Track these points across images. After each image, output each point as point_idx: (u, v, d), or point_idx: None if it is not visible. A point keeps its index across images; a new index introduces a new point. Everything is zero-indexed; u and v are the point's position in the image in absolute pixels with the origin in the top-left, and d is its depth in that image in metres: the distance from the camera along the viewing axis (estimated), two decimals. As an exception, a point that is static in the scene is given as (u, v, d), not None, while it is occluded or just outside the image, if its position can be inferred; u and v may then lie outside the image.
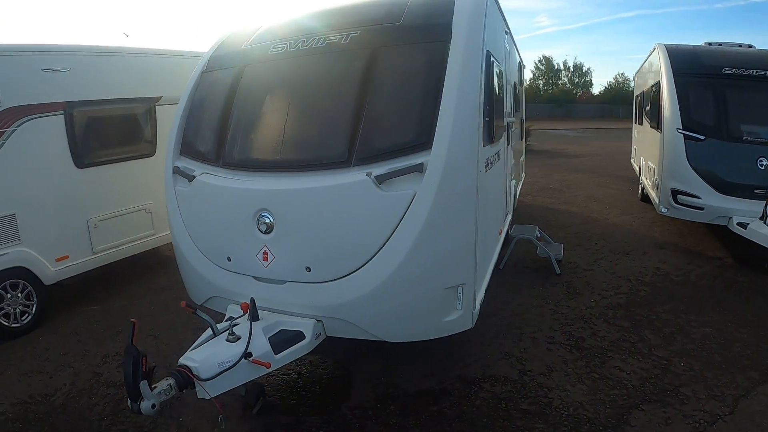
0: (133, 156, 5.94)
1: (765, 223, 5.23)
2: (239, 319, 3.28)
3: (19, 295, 4.87)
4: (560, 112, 47.59)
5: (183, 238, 4.01)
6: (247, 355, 2.91)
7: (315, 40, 3.72)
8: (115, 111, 5.79)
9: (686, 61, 6.59)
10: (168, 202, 4.09)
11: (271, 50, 3.92)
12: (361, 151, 3.20)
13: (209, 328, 3.11)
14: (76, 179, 5.37)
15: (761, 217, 5.31)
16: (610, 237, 7.14)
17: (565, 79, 59.54)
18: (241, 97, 3.91)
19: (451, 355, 3.95)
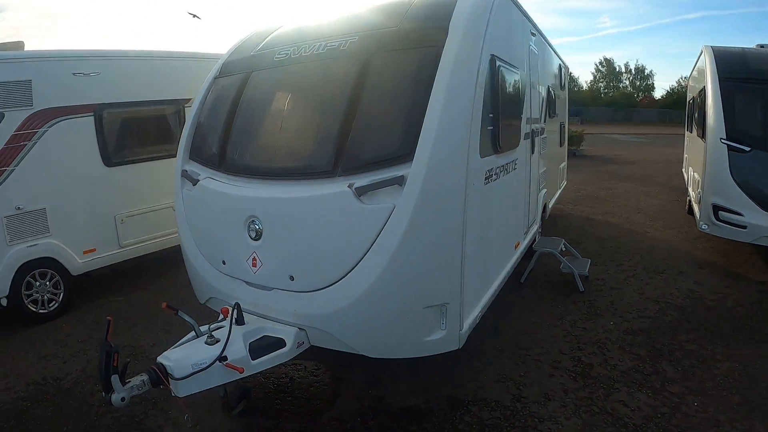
0: (161, 156, 6.15)
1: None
2: (224, 322, 3.30)
3: (47, 283, 5.19)
4: (620, 116, 45.76)
5: (187, 239, 4.11)
6: (222, 358, 2.93)
7: (316, 46, 3.66)
8: (144, 112, 6.04)
9: (733, 65, 5.97)
10: (176, 204, 4.20)
11: (276, 56, 3.91)
12: (347, 162, 3.11)
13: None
14: (104, 177, 5.64)
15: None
16: (647, 253, 6.62)
17: (626, 82, 57.65)
18: (245, 103, 3.93)
19: (444, 373, 3.78)
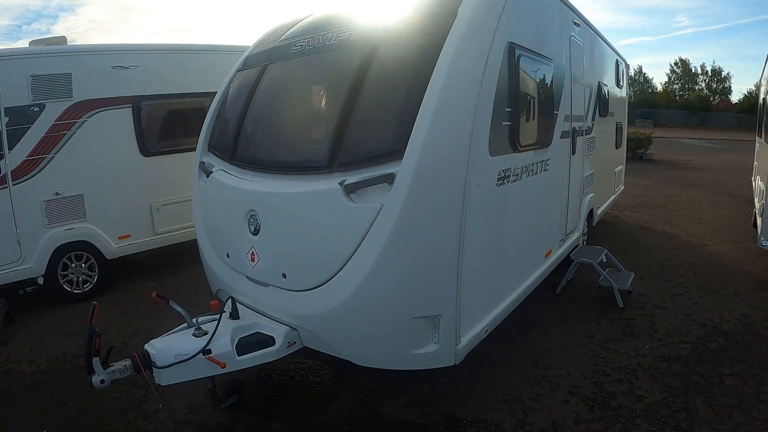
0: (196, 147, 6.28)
1: None
2: (221, 317, 3.26)
3: (83, 265, 5.45)
4: (695, 120, 42.76)
5: (200, 230, 4.13)
6: (205, 351, 2.91)
7: (329, 37, 3.51)
8: (181, 104, 6.17)
9: None
10: (192, 194, 4.23)
11: (292, 48, 3.80)
12: (342, 157, 2.93)
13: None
14: (141, 166, 5.84)
15: None
16: (702, 268, 5.90)
17: (702, 84, 54.02)
18: (258, 96, 3.87)
19: (448, 386, 3.51)
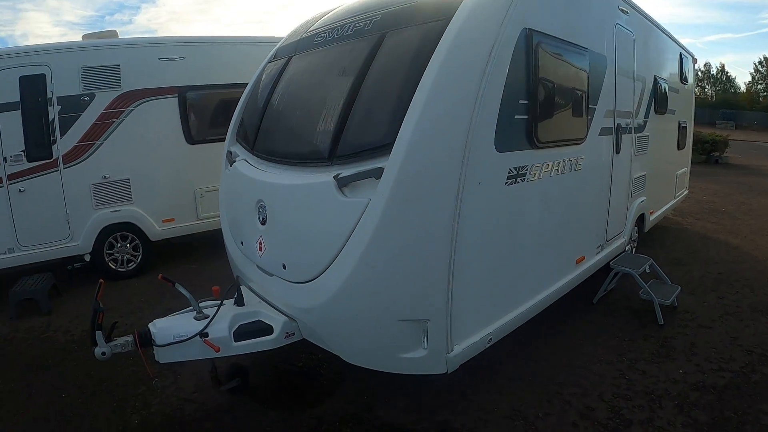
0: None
1: None
2: (226, 302, 3.32)
3: (128, 245, 5.82)
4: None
5: (223, 218, 4.25)
6: (203, 334, 2.99)
7: (347, 27, 3.45)
8: (225, 95, 6.33)
9: None
10: (220, 183, 4.36)
11: (315, 40, 3.79)
12: (341, 149, 2.85)
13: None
14: (186, 154, 6.11)
15: None
16: (762, 287, 5.19)
17: None
18: (279, 87, 3.91)
19: (450, 394, 3.34)
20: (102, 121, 5.35)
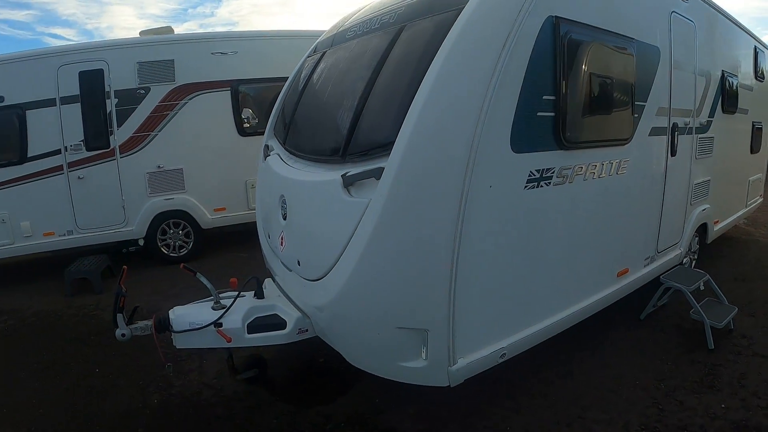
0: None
1: None
2: (246, 294, 3.40)
3: (180, 232, 6.16)
4: None
5: (257, 210, 4.37)
6: (217, 324, 3.05)
7: (375, 21, 3.38)
8: (276, 88, 6.39)
9: None
10: (258, 176, 4.48)
11: (347, 34, 3.76)
12: (353, 147, 2.79)
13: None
14: (238, 145, 6.34)
15: None
16: None
17: None
18: (312, 81, 3.92)
19: (463, 407, 3.18)
20: (157, 113, 5.68)
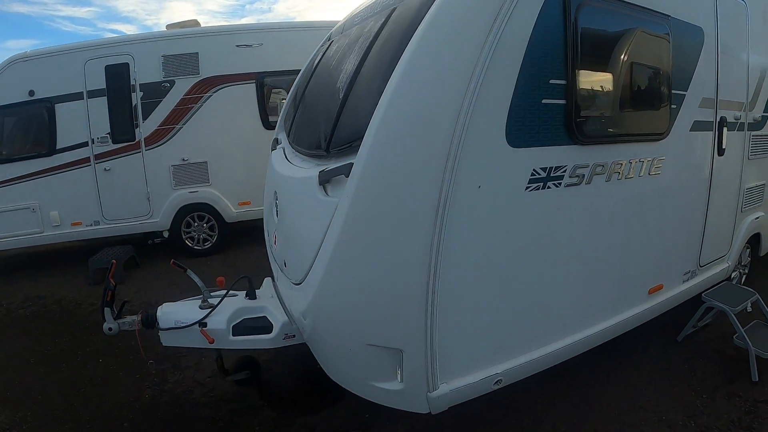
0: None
1: None
2: (237, 293, 3.30)
3: (204, 225, 6.21)
4: None
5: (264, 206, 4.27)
6: (201, 324, 2.95)
7: (378, 4, 3.14)
8: (302, 81, 6.42)
9: None
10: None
11: (354, 20, 3.54)
12: (336, 140, 2.57)
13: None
14: (264, 139, 6.22)
15: None
16: None
17: None
18: (316, 72, 3.76)
19: (460, 430, 2.91)
20: (181, 106, 5.73)
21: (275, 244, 3.38)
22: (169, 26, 6.16)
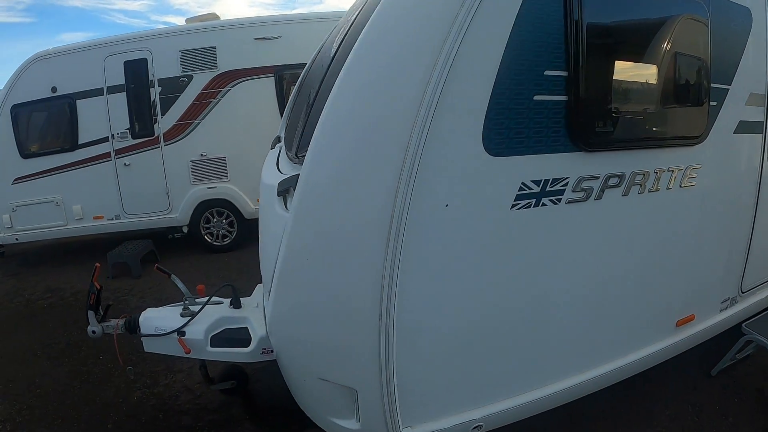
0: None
1: None
2: (224, 300, 3.20)
3: (223, 221, 6.20)
4: None
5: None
6: (180, 332, 2.86)
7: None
8: (322, 74, 6.23)
9: None
10: None
11: (355, 12, 3.30)
12: (302, 144, 2.36)
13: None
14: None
15: None
16: None
17: None
18: (311, 66, 3.56)
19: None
20: (200, 101, 5.70)
21: (261, 252, 3.24)
22: (188, 20, 6.14)
